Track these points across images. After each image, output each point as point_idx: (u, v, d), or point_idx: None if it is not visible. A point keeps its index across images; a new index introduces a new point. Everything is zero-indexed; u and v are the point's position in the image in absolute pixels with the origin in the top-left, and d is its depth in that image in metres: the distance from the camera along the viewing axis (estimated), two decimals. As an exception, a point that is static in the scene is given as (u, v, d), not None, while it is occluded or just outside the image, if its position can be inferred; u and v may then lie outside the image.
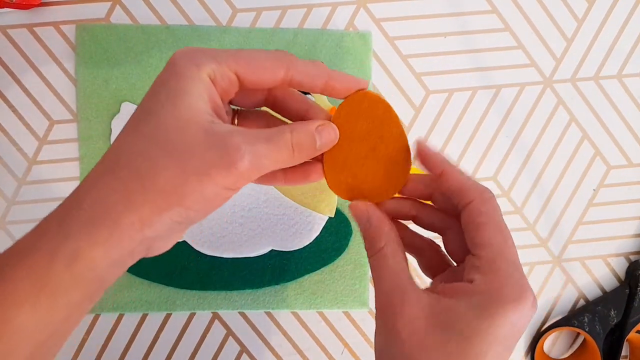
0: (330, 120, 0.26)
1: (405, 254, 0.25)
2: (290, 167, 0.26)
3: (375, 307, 0.25)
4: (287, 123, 0.26)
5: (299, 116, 0.26)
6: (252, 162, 0.21)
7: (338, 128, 0.25)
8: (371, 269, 0.25)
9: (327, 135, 0.25)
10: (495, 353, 0.22)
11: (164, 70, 0.22)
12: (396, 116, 0.26)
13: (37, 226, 0.21)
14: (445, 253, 0.27)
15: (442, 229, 0.27)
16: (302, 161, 0.24)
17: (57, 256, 0.20)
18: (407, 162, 0.26)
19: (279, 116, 0.28)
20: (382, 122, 0.26)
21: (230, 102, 0.26)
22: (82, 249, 0.20)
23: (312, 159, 0.26)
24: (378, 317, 0.24)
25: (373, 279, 0.25)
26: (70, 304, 0.21)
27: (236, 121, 0.27)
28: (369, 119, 0.26)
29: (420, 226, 0.27)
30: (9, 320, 0.19)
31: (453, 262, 0.27)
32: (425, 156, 0.26)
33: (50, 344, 0.21)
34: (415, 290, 0.23)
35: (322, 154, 0.26)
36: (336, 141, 0.25)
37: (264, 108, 0.27)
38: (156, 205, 0.21)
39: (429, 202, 0.27)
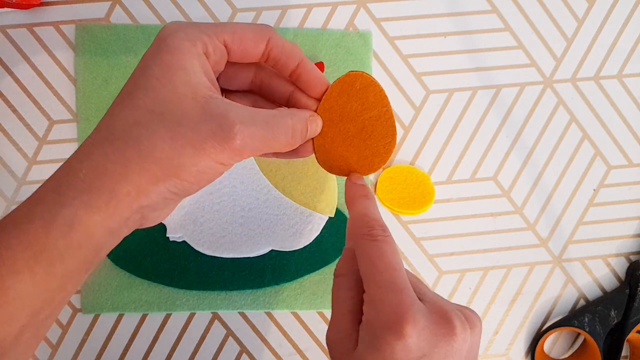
0: (321, 99, 0.27)
1: (357, 289, 0.24)
2: None
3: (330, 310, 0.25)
4: (273, 106, 0.27)
5: (283, 99, 0.27)
6: (245, 142, 0.22)
7: (329, 107, 0.26)
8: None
9: (315, 126, 0.26)
10: None
11: (153, 45, 0.22)
12: (386, 97, 0.27)
13: (33, 195, 0.21)
14: None
15: None
16: (292, 148, 0.25)
17: (53, 224, 0.20)
18: (393, 139, 0.27)
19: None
20: (373, 104, 0.27)
21: (218, 81, 0.26)
22: (78, 217, 0.20)
23: None
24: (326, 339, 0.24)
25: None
26: (66, 272, 0.21)
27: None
28: (360, 100, 0.26)
29: None
30: (7, 288, 0.20)
31: None
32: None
33: (46, 313, 0.21)
34: (345, 327, 0.23)
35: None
36: (318, 132, 0.26)
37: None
38: (152, 175, 0.21)
39: None
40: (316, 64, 0.39)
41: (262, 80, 0.27)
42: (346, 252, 0.26)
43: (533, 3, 0.41)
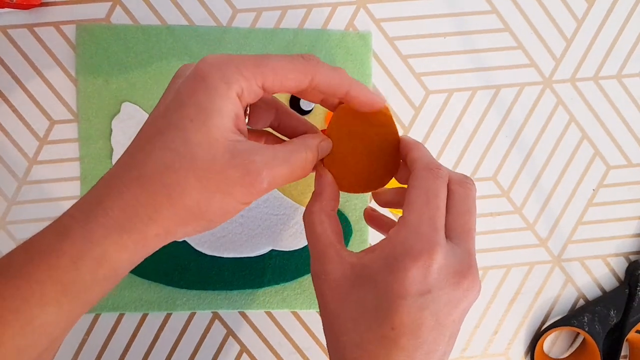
0: (330, 120, 0.27)
1: (333, 224, 0.26)
2: None
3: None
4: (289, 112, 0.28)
5: (298, 134, 0.28)
6: (270, 183, 0.23)
7: (338, 126, 0.27)
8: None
9: (325, 149, 0.27)
10: (408, 312, 0.22)
11: (190, 80, 0.22)
12: (391, 116, 0.27)
13: (58, 225, 0.22)
14: None
15: None
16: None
17: (82, 260, 0.21)
18: (398, 156, 0.28)
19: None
20: (380, 123, 0.27)
21: None
22: (107, 255, 0.21)
23: None
24: (312, 275, 0.26)
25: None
26: (89, 301, 0.22)
27: (247, 114, 0.27)
28: (366, 120, 0.27)
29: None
30: (33, 318, 0.21)
31: None
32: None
33: (63, 337, 0.23)
34: (338, 252, 0.25)
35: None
36: (328, 152, 0.27)
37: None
38: (181, 219, 0.22)
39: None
40: (316, 64, 0.39)
41: (280, 121, 0.28)
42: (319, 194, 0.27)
43: (532, 3, 0.41)
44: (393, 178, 0.28)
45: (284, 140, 0.28)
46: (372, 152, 0.27)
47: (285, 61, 0.24)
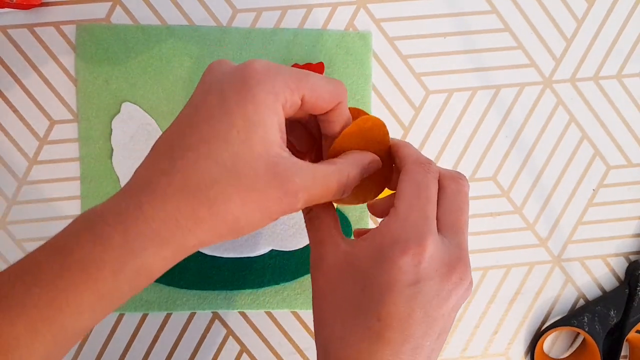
0: (336, 141, 0.27)
1: (331, 214, 0.26)
2: None
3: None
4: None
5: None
6: (304, 204, 0.22)
7: (342, 144, 0.27)
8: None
9: (374, 168, 0.26)
10: (395, 303, 0.22)
11: (238, 86, 0.22)
12: (387, 131, 0.28)
13: (93, 229, 0.21)
14: None
15: None
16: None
17: (122, 272, 0.21)
18: (390, 170, 0.28)
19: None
20: (377, 142, 0.28)
21: None
22: (146, 266, 0.21)
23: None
24: (310, 264, 0.25)
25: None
26: (117, 307, 0.22)
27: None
28: (365, 139, 0.27)
29: None
30: (67, 328, 0.20)
31: None
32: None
33: (82, 337, 0.23)
34: (334, 239, 0.24)
35: None
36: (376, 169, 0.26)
37: None
38: (217, 232, 0.22)
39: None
40: (316, 65, 0.39)
41: (294, 133, 0.28)
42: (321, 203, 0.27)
43: (532, 3, 0.41)
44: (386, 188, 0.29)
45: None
46: None
47: (322, 80, 0.24)
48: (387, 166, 0.28)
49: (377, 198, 0.29)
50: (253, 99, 0.21)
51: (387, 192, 0.29)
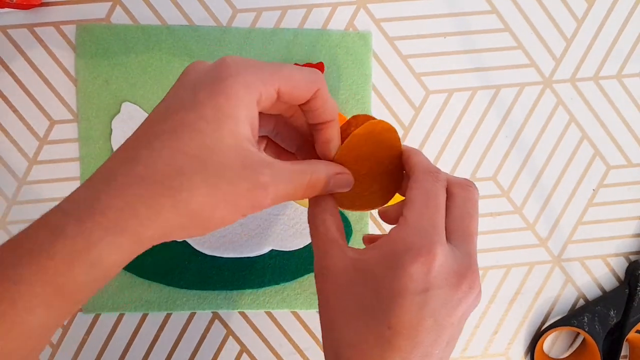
0: (342, 146, 0.26)
1: (336, 221, 0.26)
2: None
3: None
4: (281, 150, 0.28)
5: (292, 148, 0.28)
6: (272, 200, 0.22)
7: (348, 150, 0.26)
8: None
9: (341, 183, 0.26)
10: (406, 311, 0.22)
11: (210, 80, 0.22)
12: (398, 137, 0.27)
13: (49, 221, 0.20)
14: None
15: None
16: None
17: (77, 262, 0.20)
18: (401, 177, 0.28)
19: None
20: (388, 147, 0.27)
21: None
22: (102, 256, 0.20)
23: None
24: (315, 272, 0.25)
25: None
26: (78, 302, 0.21)
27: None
28: (376, 143, 0.27)
29: None
30: (21, 322, 0.19)
31: None
32: None
33: (50, 336, 0.22)
34: (340, 248, 0.24)
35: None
36: (348, 189, 0.26)
37: None
38: (180, 224, 0.21)
39: None
40: (316, 65, 0.39)
41: (278, 130, 0.28)
42: (325, 196, 0.27)
43: (532, 3, 0.41)
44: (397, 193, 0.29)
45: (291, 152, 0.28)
46: (377, 175, 0.27)
47: (297, 71, 0.23)
48: (398, 173, 0.28)
49: (388, 204, 0.28)
50: (225, 91, 0.21)
51: (398, 197, 0.28)
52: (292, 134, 0.28)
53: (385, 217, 0.28)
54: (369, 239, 0.31)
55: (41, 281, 0.19)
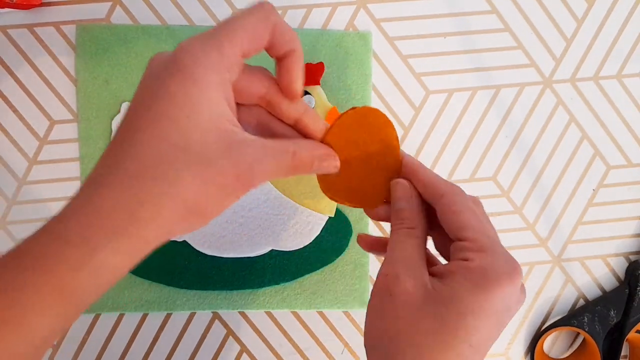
0: (333, 126, 0.26)
1: (426, 239, 0.26)
2: None
3: (376, 280, 0.25)
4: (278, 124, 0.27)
5: (290, 122, 0.27)
6: (259, 179, 0.23)
7: (340, 131, 0.26)
8: (391, 238, 0.26)
9: (326, 166, 0.26)
10: (487, 328, 0.23)
11: (174, 70, 0.21)
12: (395, 131, 0.27)
13: (51, 231, 0.20)
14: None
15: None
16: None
17: (83, 269, 0.20)
18: (398, 172, 0.27)
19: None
20: (382, 138, 0.27)
21: None
22: (107, 263, 0.20)
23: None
24: (375, 293, 0.25)
25: (389, 247, 0.26)
26: (85, 305, 0.21)
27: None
28: (369, 133, 0.26)
29: None
30: (28, 326, 0.20)
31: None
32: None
33: (54, 340, 0.22)
34: (417, 269, 0.24)
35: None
36: (334, 172, 0.26)
37: None
38: (180, 216, 0.21)
39: None
40: (316, 64, 0.39)
41: (269, 101, 0.27)
42: (413, 205, 0.26)
43: (533, 3, 0.41)
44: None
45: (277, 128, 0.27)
46: (369, 167, 0.27)
47: (247, 15, 0.23)
48: (395, 170, 0.27)
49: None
50: (192, 78, 0.21)
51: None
52: (276, 127, 0.27)
53: (371, 213, 0.28)
54: (365, 242, 0.30)
55: (47, 288, 0.20)
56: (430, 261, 0.27)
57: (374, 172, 0.27)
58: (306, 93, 0.39)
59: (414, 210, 0.26)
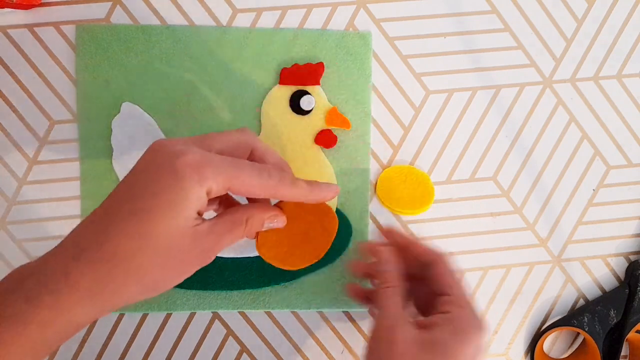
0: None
1: (402, 297, 0.31)
2: None
3: (375, 329, 0.30)
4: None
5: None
6: (218, 252, 0.28)
7: (288, 204, 0.32)
8: (379, 298, 0.31)
9: (276, 223, 0.31)
10: None
11: (167, 174, 0.25)
12: (336, 222, 0.34)
13: (27, 288, 0.24)
14: None
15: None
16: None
17: (50, 327, 0.24)
18: (329, 243, 0.33)
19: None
20: (320, 212, 0.33)
21: None
22: (74, 320, 0.24)
23: None
24: (375, 340, 0.30)
25: (377, 307, 0.31)
26: (50, 352, 0.25)
27: None
28: (307, 209, 0.32)
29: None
30: None
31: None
32: (393, 240, 0.35)
33: None
34: (407, 322, 0.30)
35: (257, 232, 0.32)
36: (282, 226, 0.32)
37: None
38: (141, 292, 0.26)
39: None
40: (316, 65, 0.39)
41: (223, 206, 0.33)
42: (397, 268, 0.32)
43: (533, 3, 0.41)
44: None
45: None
46: (307, 239, 0.33)
47: (255, 174, 0.28)
48: (327, 241, 0.33)
49: (359, 262, 0.36)
50: (181, 187, 0.25)
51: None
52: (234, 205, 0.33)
53: (355, 271, 0.36)
54: (366, 248, 0.36)
55: (17, 343, 0.23)
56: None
57: (309, 241, 0.33)
58: (306, 93, 0.39)
59: (397, 272, 0.32)
